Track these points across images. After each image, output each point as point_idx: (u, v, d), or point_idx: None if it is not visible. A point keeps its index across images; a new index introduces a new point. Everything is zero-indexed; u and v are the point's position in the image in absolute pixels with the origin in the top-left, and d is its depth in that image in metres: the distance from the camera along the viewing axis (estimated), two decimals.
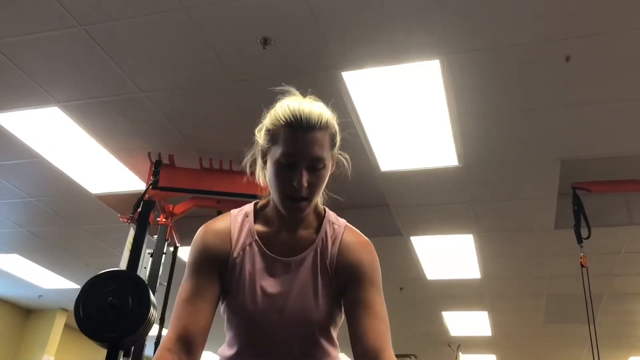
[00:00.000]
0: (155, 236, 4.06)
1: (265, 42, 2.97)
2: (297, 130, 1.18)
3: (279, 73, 3.18)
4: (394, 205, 4.49)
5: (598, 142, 3.61)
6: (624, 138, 3.56)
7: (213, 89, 3.41)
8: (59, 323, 8.24)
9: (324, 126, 1.21)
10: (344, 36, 2.92)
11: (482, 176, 4.04)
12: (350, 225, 1.36)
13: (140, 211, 3.86)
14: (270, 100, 1.71)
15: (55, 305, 8.09)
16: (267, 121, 1.26)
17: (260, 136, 1.27)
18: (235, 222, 1.32)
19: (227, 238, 1.30)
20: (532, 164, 3.87)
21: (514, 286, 6.01)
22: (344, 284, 1.27)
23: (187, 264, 1.31)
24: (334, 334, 1.34)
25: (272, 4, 2.74)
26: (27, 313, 8.39)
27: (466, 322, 7.24)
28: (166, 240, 4.02)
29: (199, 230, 1.33)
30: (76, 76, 3.38)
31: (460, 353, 8.24)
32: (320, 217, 1.35)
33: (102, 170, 4.36)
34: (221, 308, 1.32)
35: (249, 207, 1.36)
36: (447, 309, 6.88)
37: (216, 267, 1.27)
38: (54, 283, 7.01)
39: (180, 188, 4.02)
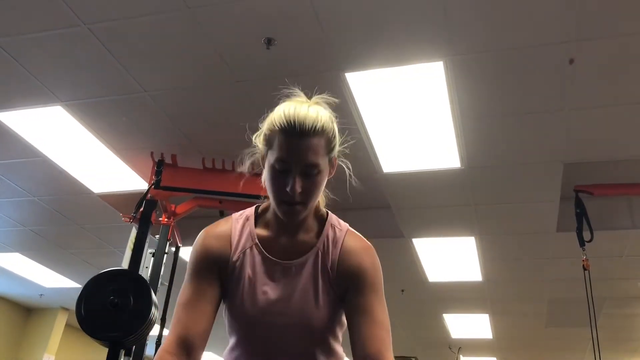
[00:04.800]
0: (157, 236, 4.07)
1: (268, 42, 2.98)
2: (291, 136, 1.16)
3: (282, 74, 3.17)
4: (396, 207, 4.49)
5: (601, 145, 3.60)
6: (627, 141, 3.55)
7: (216, 89, 3.41)
8: (60, 322, 8.24)
9: (318, 132, 1.18)
10: (347, 37, 2.92)
11: (485, 179, 4.03)
12: (352, 229, 1.34)
13: (142, 211, 3.86)
14: (274, 100, 1.71)
15: (56, 304, 8.09)
16: (265, 126, 1.24)
17: (260, 141, 1.26)
18: (236, 226, 1.32)
19: (227, 241, 1.29)
20: (534, 167, 3.86)
21: (516, 289, 6.00)
22: (345, 289, 1.25)
23: (187, 267, 1.30)
24: (338, 338, 1.33)
25: (276, 4, 2.74)
26: (28, 312, 8.40)
27: (467, 325, 7.23)
28: (168, 240, 4.02)
29: (199, 234, 1.33)
30: (80, 75, 3.39)
31: (461, 356, 8.23)
32: (322, 220, 1.33)
33: (105, 169, 4.36)
34: (223, 312, 1.31)
35: (249, 211, 1.35)
36: (448, 312, 6.87)
37: (216, 270, 1.27)
38: (56, 282, 7.02)
39: (182, 188, 4.02)
